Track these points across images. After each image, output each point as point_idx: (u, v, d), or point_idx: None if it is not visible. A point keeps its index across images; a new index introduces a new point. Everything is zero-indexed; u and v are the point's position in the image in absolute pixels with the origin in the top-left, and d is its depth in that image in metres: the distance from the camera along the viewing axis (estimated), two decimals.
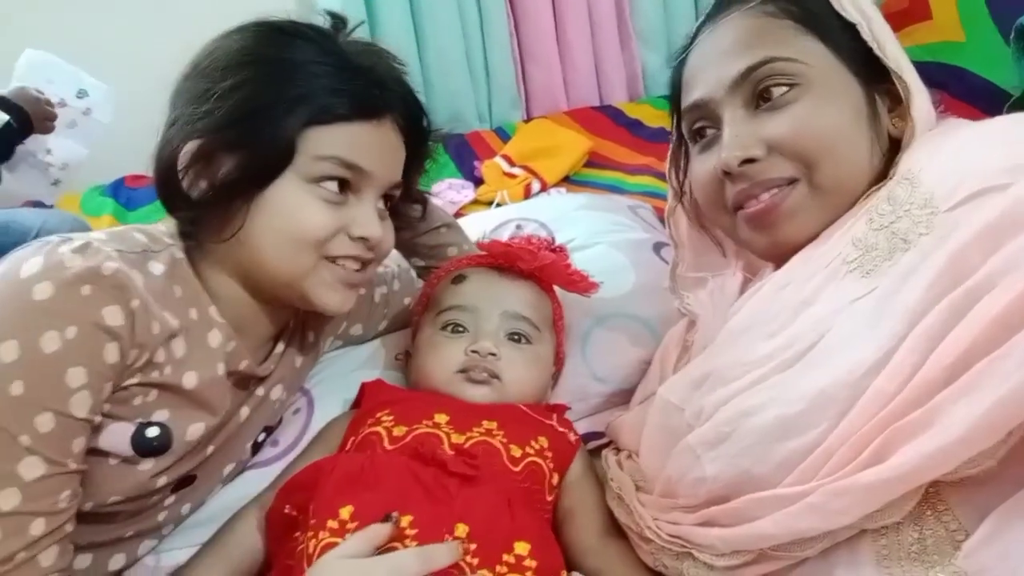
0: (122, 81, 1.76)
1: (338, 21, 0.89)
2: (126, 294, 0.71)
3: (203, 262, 0.84)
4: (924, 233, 0.65)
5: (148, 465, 0.76)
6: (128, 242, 0.78)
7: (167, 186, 0.81)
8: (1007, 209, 0.60)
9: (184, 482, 0.84)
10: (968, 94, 1.69)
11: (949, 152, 0.71)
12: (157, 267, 0.79)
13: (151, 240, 0.81)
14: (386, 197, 0.89)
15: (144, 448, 0.76)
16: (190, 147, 0.78)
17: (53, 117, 1.69)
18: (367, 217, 0.84)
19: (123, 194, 2.03)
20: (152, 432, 0.76)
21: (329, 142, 0.80)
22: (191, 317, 0.80)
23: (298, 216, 0.80)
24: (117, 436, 0.74)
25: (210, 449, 0.85)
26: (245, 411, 0.89)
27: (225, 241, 0.81)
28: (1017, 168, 0.63)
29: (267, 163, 0.79)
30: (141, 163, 0.85)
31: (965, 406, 0.55)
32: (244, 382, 0.88)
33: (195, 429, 0.80)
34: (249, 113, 0.78)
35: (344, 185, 0.82)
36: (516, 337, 0.97)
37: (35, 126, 1.65)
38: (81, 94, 1.77)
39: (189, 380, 0.78)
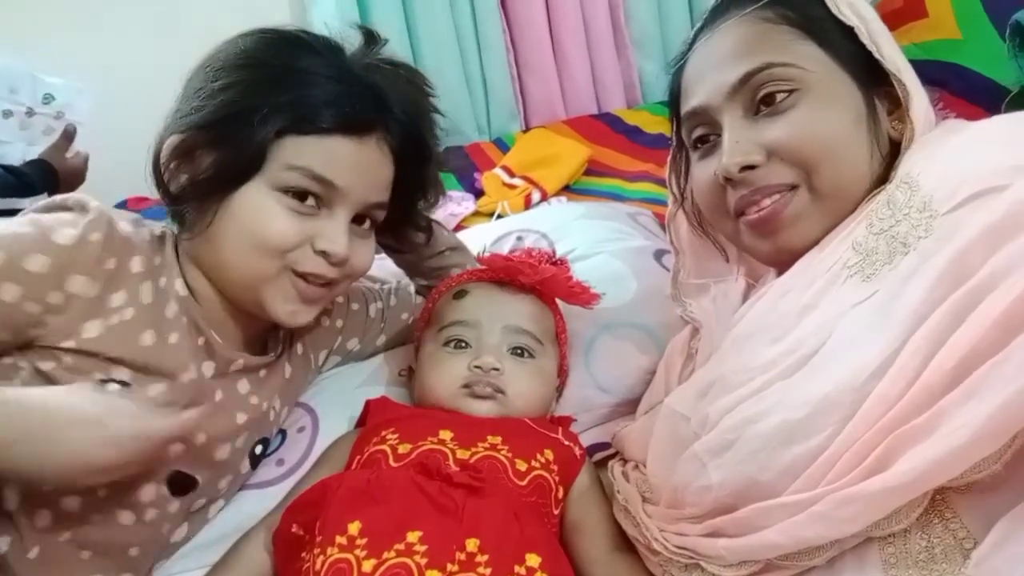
0: (122, 103, 1.75)
1: (370, 36, 0.90)
2: (95, 225, 0.75)
3: (183, 256, 0.87)
4: (923, 236, 0.65)
5: None
6: (128, 215, 0.84)
7: (155, 176, 0.84)
8: (1008, 210, 0.60)
9: (182, 484, 0.83)
10: (967, 91, 1.69)
11: (947, 155, 0.71)
12: (145, 234, 0.84)
13: (152, 227, 0.86)
14: (369, 217, 0.90)
15: None
16: (172, 141, 0.81)
17: (81, 178, 1.61)
18: (334, 232, 0.84)
19: None
20: (112, 388, 0.75)
21: (303, 153, 0.81)
22: (160, 283, 0.82)
23: (260, 222, 0.81)
24: None
25: (201, 438, 0.82)
26: (240, 416, 0.88)
27: (196, 238, 0.83)
28: (1015, 168, 0.63)
29: (238, 165, 0.80)
30: (143, 185, 0.86)
31: (968, 411, 0.54)
32: (220, 367, 0.87)
33: (155, 389, 0.78)
34: (229, 114, 0.80)
35: (316, 198, 0.83)
36: (519, 351, 0.97)
37: (62, 187, 1.54)
38: (47, 99, 1.69)
39: (147, 338, 0.78)
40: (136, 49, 2.01)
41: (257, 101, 0.80)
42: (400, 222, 0.98)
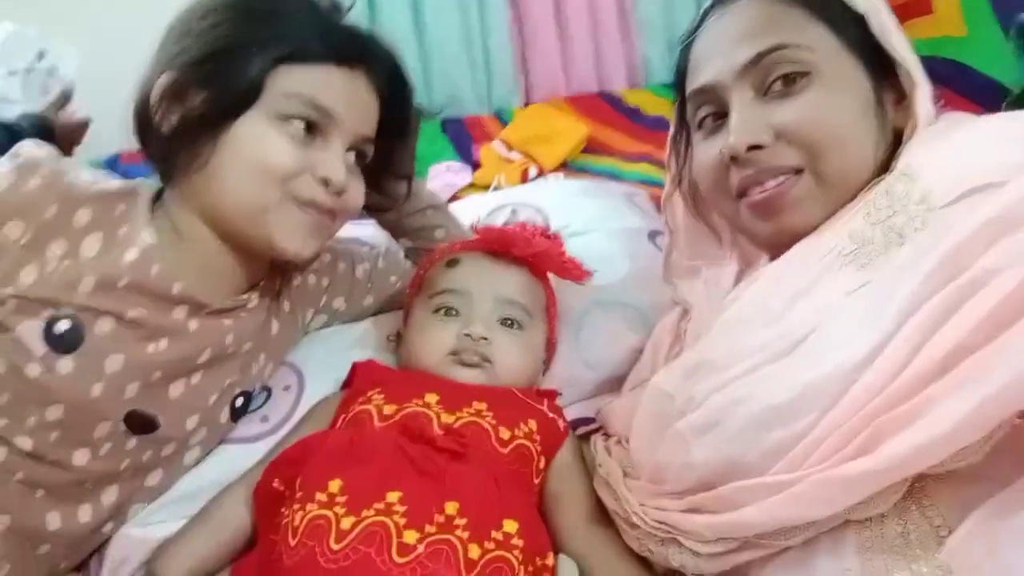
0: (113, 57, 1.72)
1: (335, 2, 0.91)
2: (34, 170, 0.76)
3: (173, 203, 0.87)
4: (920, 228, 0.65)
5: (68, 367, 0.76)
6: (95, 171, 0.84)
7: (141, 121, 0.84)
8: (1004, 206, 0.60)
9: (143, 425, 0.83)
10: (969, 90, 1.69)
11: (948, 148, 0.71)
12: (111, 184, 0.83)
13: (123, 180, 0.86)
14: (358, 154, 0.91)
15: (57, 343, 0.75)
16: (163, 80, 0.81)
17: (78, 139, 1.60)
18: (332, 160, 0.85)
19: (119, 170, 2.01)
20: (63, 325, 0.76)
21: (299, 81, 0.83)
22: (119, 231, 0.81)
23: (263, 150, 0.82)
24: (30, 333, 0.75)
25: (157, 375, 0.82)
26: (206, 352, 0.87)
27: (193, 175, 0.83)
28: (1014, 165, 0.63)
29: (236, 97, 0.81)
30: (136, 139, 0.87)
31: (953, 401, 0.55)
32: (195, 310, 0.86)
33: (105, 325, 0.79)
34: (222, 49, 0.81)
35: (312, 127, 0.84)
36: (508, 322, 0.97)
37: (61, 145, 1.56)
38: (40, 56, 1.63)
39: (87, 282, 0.77)
40: (129, 6, 1.98)
41: (248, 35, 0.81)
42: (381, 168, 0.99)
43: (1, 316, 0.74)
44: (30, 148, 0.78)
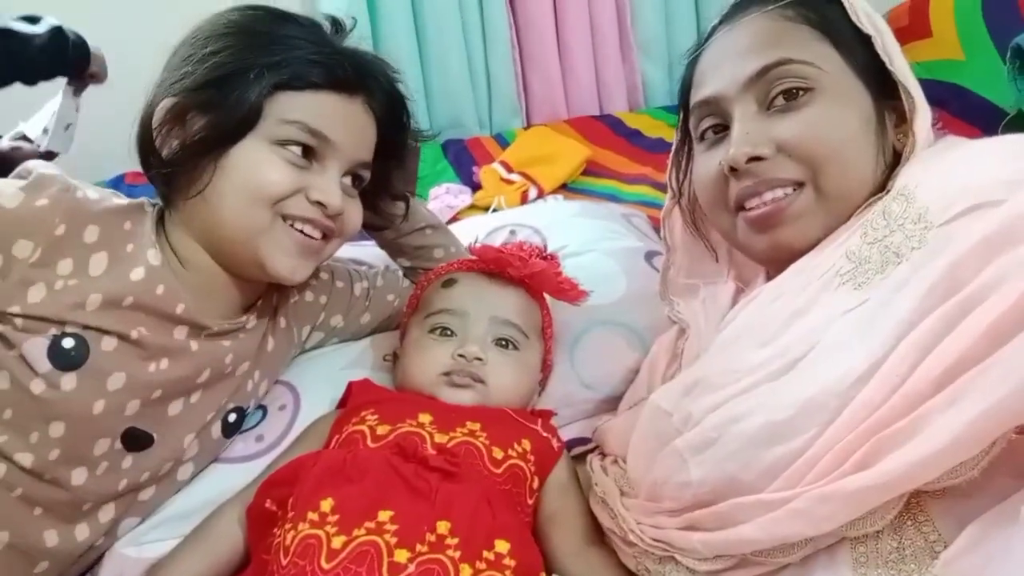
0: (118, 80, 1.74)
1: (337, 22, 0.93)
2: (42, 189, 0.76)
3: (172, 225, 0.88)
4: (917, 247, 0.65)
5: (71, 384, 0.76)
6: (101, 189, 0.84)
7: (144, 144, 0.86)
8: (1001, 223, 0.60)
9: (138, 441, 0.83)
10: (966, 112, 1.70)
11: (945, 168, 0.72)
12: (118, 201, 0.84)
13: (130, 199, 0.86)
14: (355, 177, 0.92)
15: (62, 360, 0.76)
16: (165, 104, 0.83)
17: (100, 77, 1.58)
18: (328, 184, 0.86)
19: (123, 191, 2.01)
20: (68, 343, 0.76)
21: (297, 107, 0.84)
22: (125, 249, 0.82)
23: (259, 173, 0.83)
24: (35, 350, 0.75)
25: (157, 393, 0.83)
26: (205, 372, 0.87)
27: (191, 199, 0.84)
28: (1011, 183, 0.63)
29: (234, 122, 0.82)
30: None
31: (950, 416, 0.55)
32: (195, 331, 0.86)
33: (109, 344, 0.79)
34: (222, 75, 0.82)
35: (309, 152, 0.86)
36: (503, 343, 0.97)
37: (95, 70, 1.52)
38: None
39: (93, 301, 0.77)
40: (134, 26, 2.00)
41: (248, 62, 0.82)
42: (378, 190, 1.00)
43: (7, 333, 0.74)
44: (41, 167, 0.78)
